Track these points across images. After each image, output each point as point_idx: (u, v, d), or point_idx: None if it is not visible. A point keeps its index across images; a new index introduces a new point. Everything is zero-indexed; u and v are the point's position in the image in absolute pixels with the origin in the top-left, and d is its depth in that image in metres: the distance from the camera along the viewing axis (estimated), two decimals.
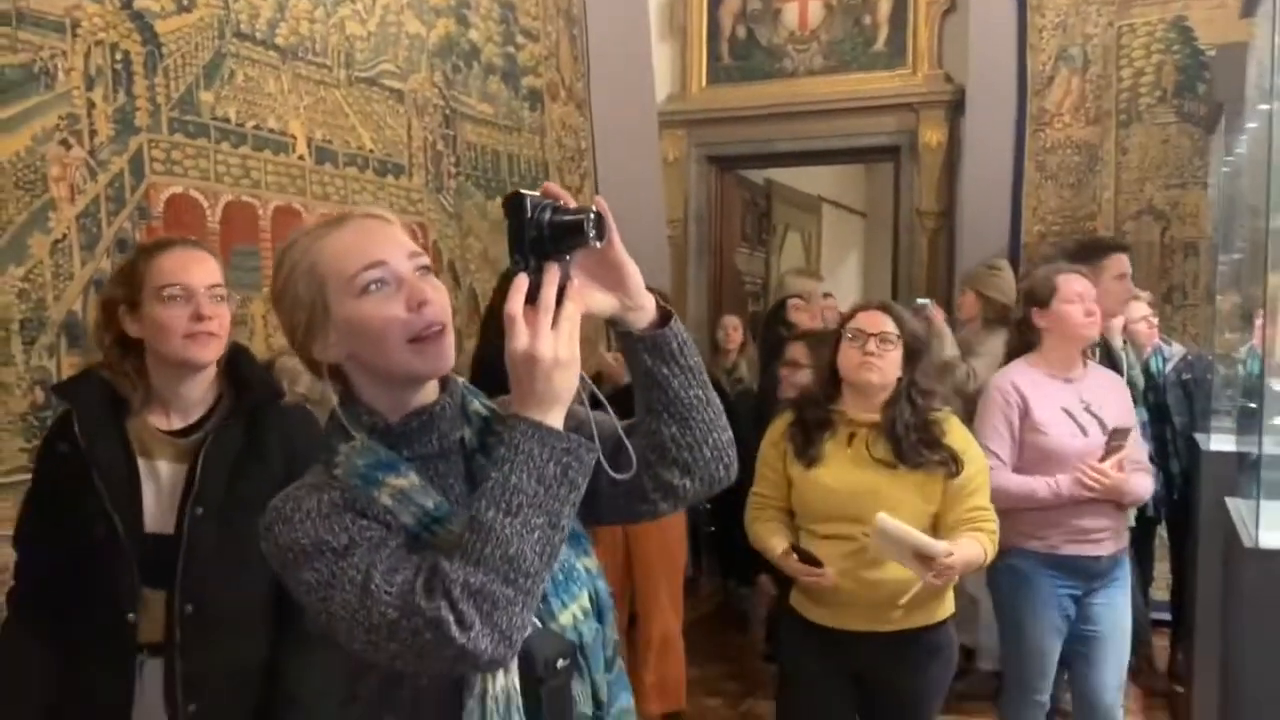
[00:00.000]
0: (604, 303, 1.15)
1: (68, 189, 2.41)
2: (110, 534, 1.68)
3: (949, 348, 4.07)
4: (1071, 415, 2.69)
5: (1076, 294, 2.70)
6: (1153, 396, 3.80)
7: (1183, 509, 3.79)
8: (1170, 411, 3.79)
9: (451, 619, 0.99)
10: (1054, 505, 2.67)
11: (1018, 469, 2.72)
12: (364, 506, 1.11)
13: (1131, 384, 3.55)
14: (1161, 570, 4.24)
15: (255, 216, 2.90)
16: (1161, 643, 4.29)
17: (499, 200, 3.99)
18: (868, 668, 2.35)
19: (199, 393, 1.77)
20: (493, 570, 1.01)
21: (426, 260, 1.19)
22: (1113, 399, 2.78)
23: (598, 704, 1.19)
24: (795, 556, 2.34)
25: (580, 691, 1.17)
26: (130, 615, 1.68)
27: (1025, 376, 2.82)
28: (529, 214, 1.06)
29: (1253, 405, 3.09)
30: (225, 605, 1.71)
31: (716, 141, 6.17)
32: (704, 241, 6.32)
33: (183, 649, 1.69)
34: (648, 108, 5.63)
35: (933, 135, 5.56)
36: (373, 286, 1.13)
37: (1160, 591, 4.27)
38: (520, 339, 1.04)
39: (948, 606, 2.41)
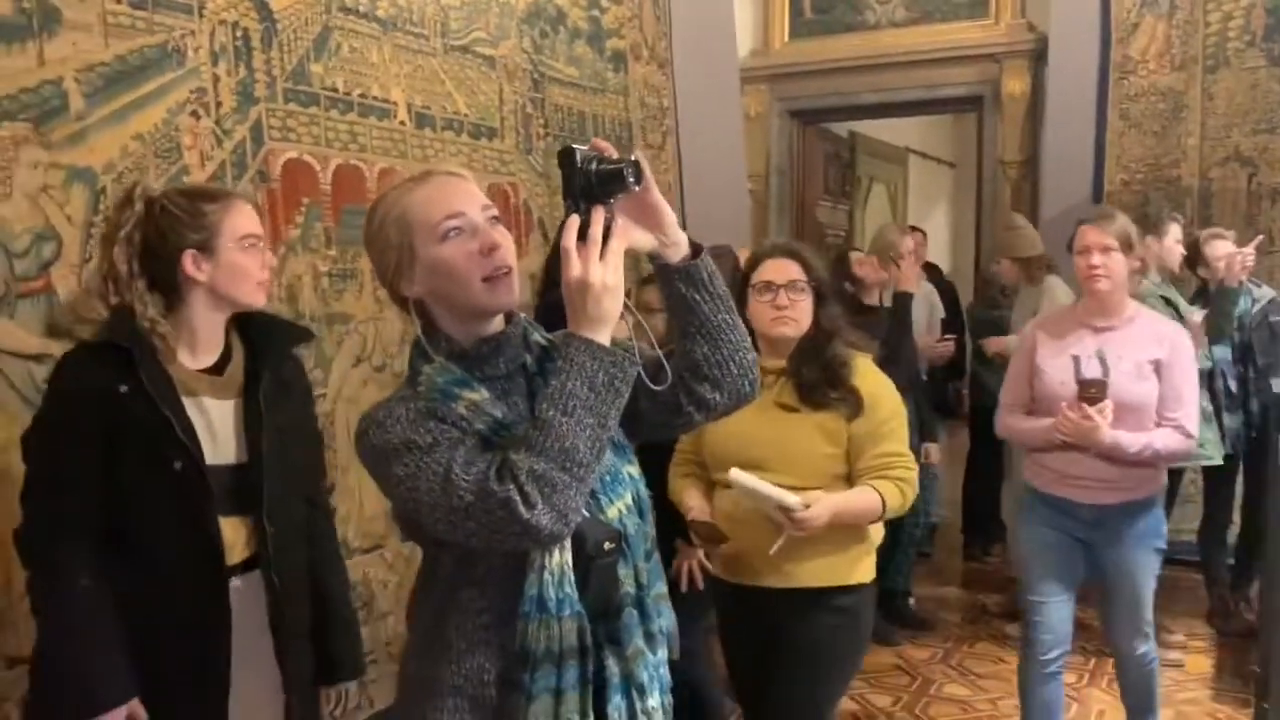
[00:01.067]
0: (643, 239, 1.34)
1: (198, 156, 2.67)
2: (189, 465, 1.76)
3: None
4: (1077, 362, 2.68)
5: (1085, 245, 2.70)
6: (1238, 336, 3.88)
7: (1261, 449, 3.85)
8: (1255, 352, 3.87)
9: (519, 499, 1.20)
10: (1044, 447, 2.74)
11: (1031, 411, 2.80)
12: (444, 414, 1.32)
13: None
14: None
15: (362, 178, 3.15)
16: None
17: None
18: (775, 625, 2.28)
19: (221, 334, 1.90)
20: (552, 459, 1.21)
21: (496, 211, 1.39)
22: (1139, 353, 2.69)
23: (639, 585, 1.39)
24: (696, 527, 2.34)
25: (625, 574, 1.37)
26: (219, 540, 1.80)
27: (1051, 322, 2.90)
28: (578, 165, 1.25)
29: None
30: (290, 524, 1.91)
31: (799, 95, 6.26)
32: (785, 196, 6.43)
33: (275, 566, 1.86)
34: (730, 65, 5.75)
35: (1016, 85, 5.57)
36: (452, 233, 1.34)
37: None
38: (574, 268, 1.23)
39: (864, 571, 2.32)
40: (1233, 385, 3.97)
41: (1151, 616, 2.91)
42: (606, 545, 1.33)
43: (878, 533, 2.37)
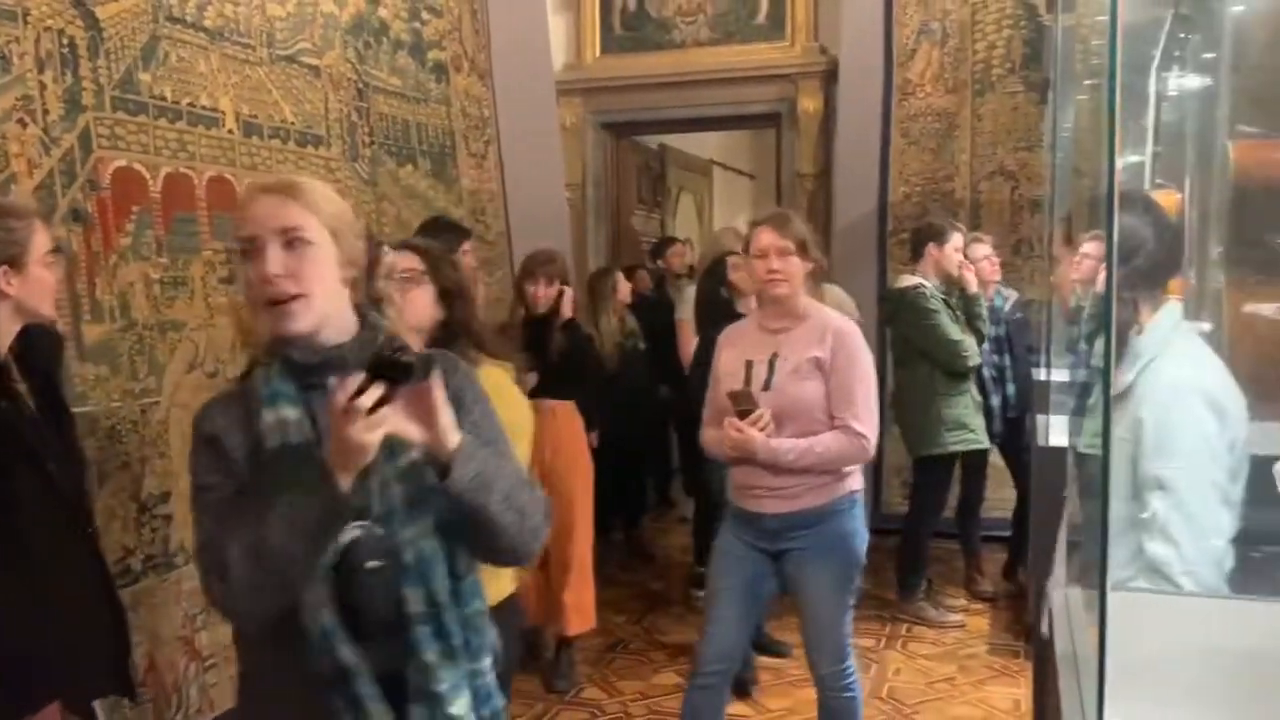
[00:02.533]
0: (410, 430, 1.35)
1: (25, 164, 2.65)
2: None
3: None
4: (749, 367, 2.67)
5: (762, 248, 2.65)
6: (995, 330, 4.45)
7: (1017, 429, 4.47)
8: (1011, 342, 4.47)
9: (214, 584, 1.36)
10: (728, 457, 2.70)
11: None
12: (222, 449, 1.41)
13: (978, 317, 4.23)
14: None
15: (192, 186, 3.17)
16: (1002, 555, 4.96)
17: (410, 168, 4.29)
18: None
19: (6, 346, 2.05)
20: (253, 566, 1.32)
21: (301, 233, 1.36)
22: (802, 352, 2.64)
23: (433, 604, 1.41)
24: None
25: (412, 592, 1.40)
26: None
27: (736, 329, 2.86)
28: (381, 344, 1.33)
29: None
30: None
31: (611, 109, 6.54)
32: (601, 204, 6.70)
33: None
34: (545, 78, 5.95)
35: (810, 103, 6.03)
36: (246, 255, 1.38)
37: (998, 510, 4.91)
38: (338, 422, 1.28)
39: (503, 586, 2.23)
40: (990, 373, 4.55)
41: (848, 637, 2.78)
42: (370, 564, 1.37)
43: None
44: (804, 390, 2.60)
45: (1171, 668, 1.23)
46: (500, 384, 2.20)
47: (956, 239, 4.39)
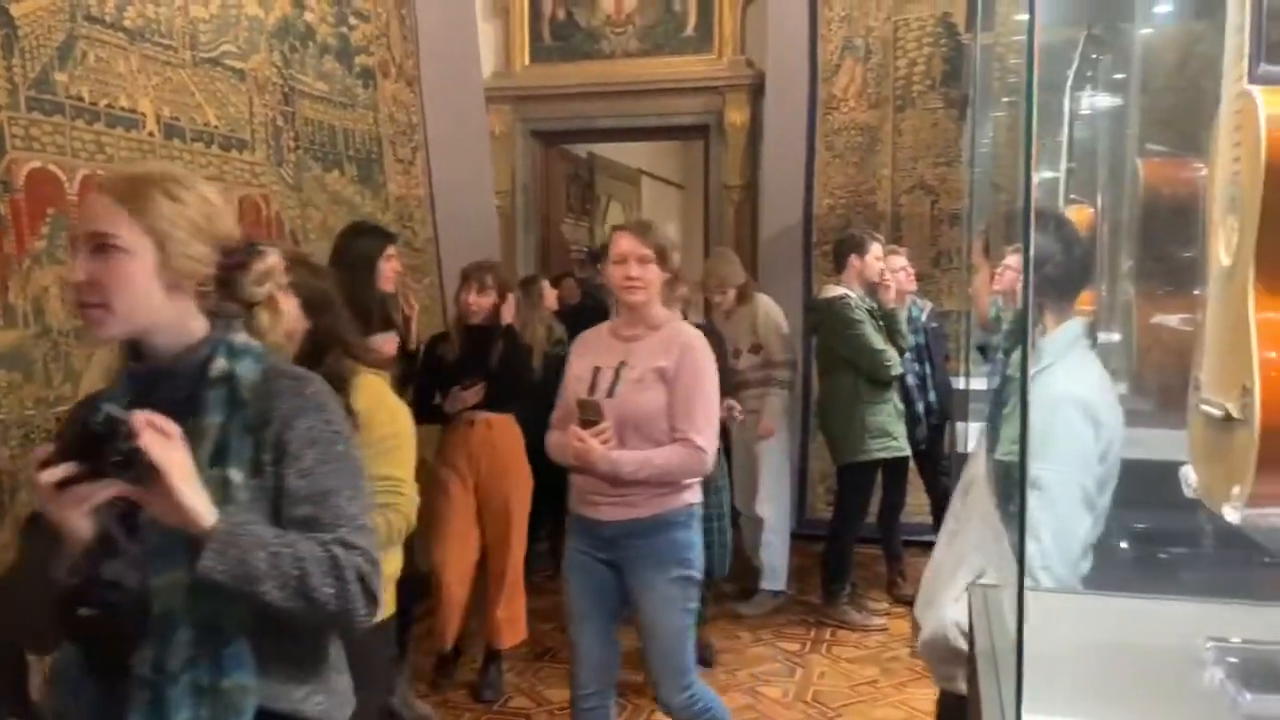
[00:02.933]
0: (150, 506, 1.24)
1: None
2: None
3: None
4: (596, 374, 2.64)
5: (622, 254, 2.62)
6: (915, 339, 4.57)
7: (939, 434, 4.58)
8: (931, 351, 4.60)
9: None
10: (570, 465, 2.65)
11: None
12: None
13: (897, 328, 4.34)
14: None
15: None
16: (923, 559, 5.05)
17: (336, 173, 4.25)
18: None
19: None
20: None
21: (109, 240, 1.30)
22: (648, 362, 2.60)
23: (158, 669, 1.26)
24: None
25: (142, 651, 1.27)
26: None
27: (591, 334, 2.82)
28: (116, 428, 1.20)
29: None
30: None
31: (540, 117, 6.53)
32: (531, 211, 6.69)
33: None
34: (474, 84, 5.94)
35: (737, 116, 6.10)
36: (74, 253, 1.35)
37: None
38: (38, 492, 1.21)
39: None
40: (913, 381, 4.67)
41: (690, 659, 2.72)
42: (82, 611, 1.29)
43: (387, 565, 2.03)
44: (646, 400, 2.58)
45: (1083, 666, 1.28)
46: (379, 394, 2.13)
47: (876, 248, 4.51)
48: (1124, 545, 1.72)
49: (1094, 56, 2.84)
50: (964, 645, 2.01)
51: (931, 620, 2.19)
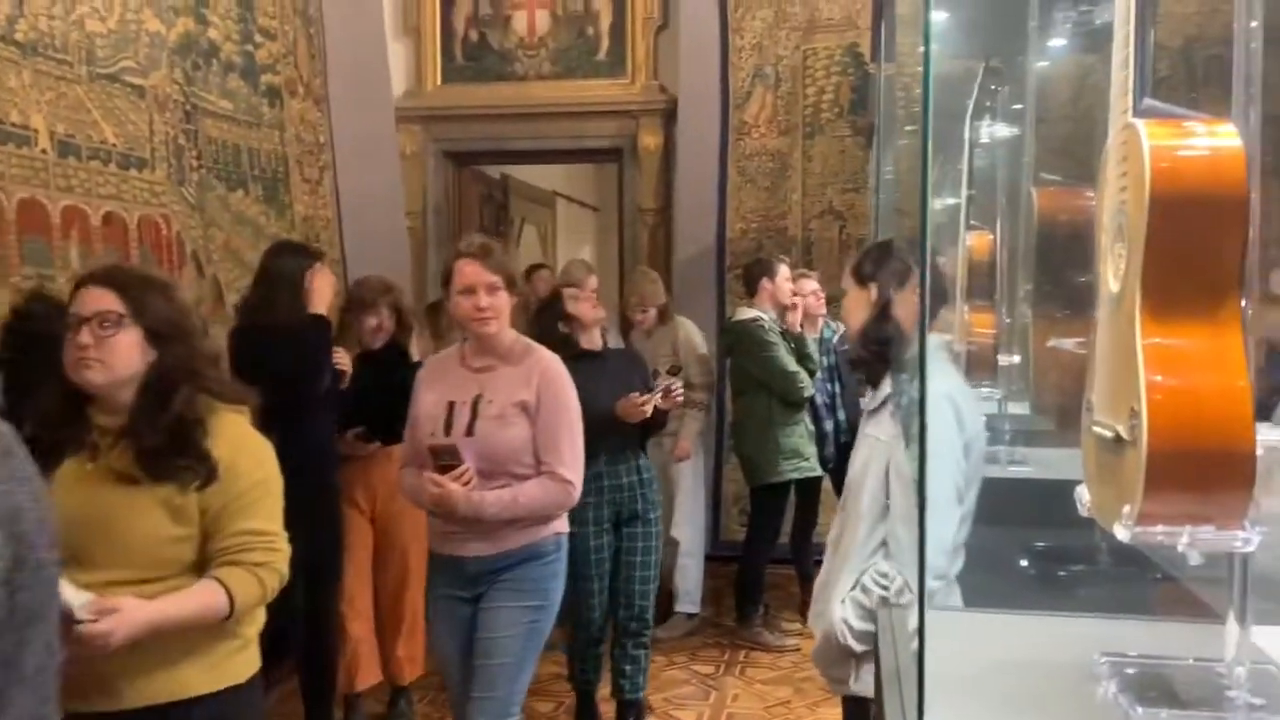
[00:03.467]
0: None
1: None
2: None
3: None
4: (450, 409, 2.53)
5: (469, 284, 2.50)
6: (826, 360, 4.64)
7: (848, 453, 4.66)
8: (841, 371, 4.67)
9: None
10: (425, 508, 2.57)
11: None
12: None
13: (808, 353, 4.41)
14: None
15: (1, 208, 2.98)
16: None
17: (241, 193, 4.16)
18: None
19: None
20: None
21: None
22: (509, 396, 2.51)
23: None
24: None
25: None
26: None
27: (438, 362, 2.70)
28: None
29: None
30: None
31: (452, 138, 6.48)
32: (443, 233, 6.61)
33: None
34: (384, 104, 5.87)
35: (650, 140, 6.14)
36: None
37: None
38: None
39: (232, 672, 1.87)
40: (823, 400, 4.74)
41: (517, 696, 2.58)
42: None
43: (254, 623, 1.93)
44: (509, 436, 2.49)
45: (982, 682, 1.30)
46: (241, 436, 1.89)
47: (784, 270, 4.60)
48: (1024, 563, 1.76)
49: (992, 87, 2.93)
50: (853, 643, 2.04)
51: (821, 625, 2.21)
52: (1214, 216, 1.06)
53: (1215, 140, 1.08)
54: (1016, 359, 2.87)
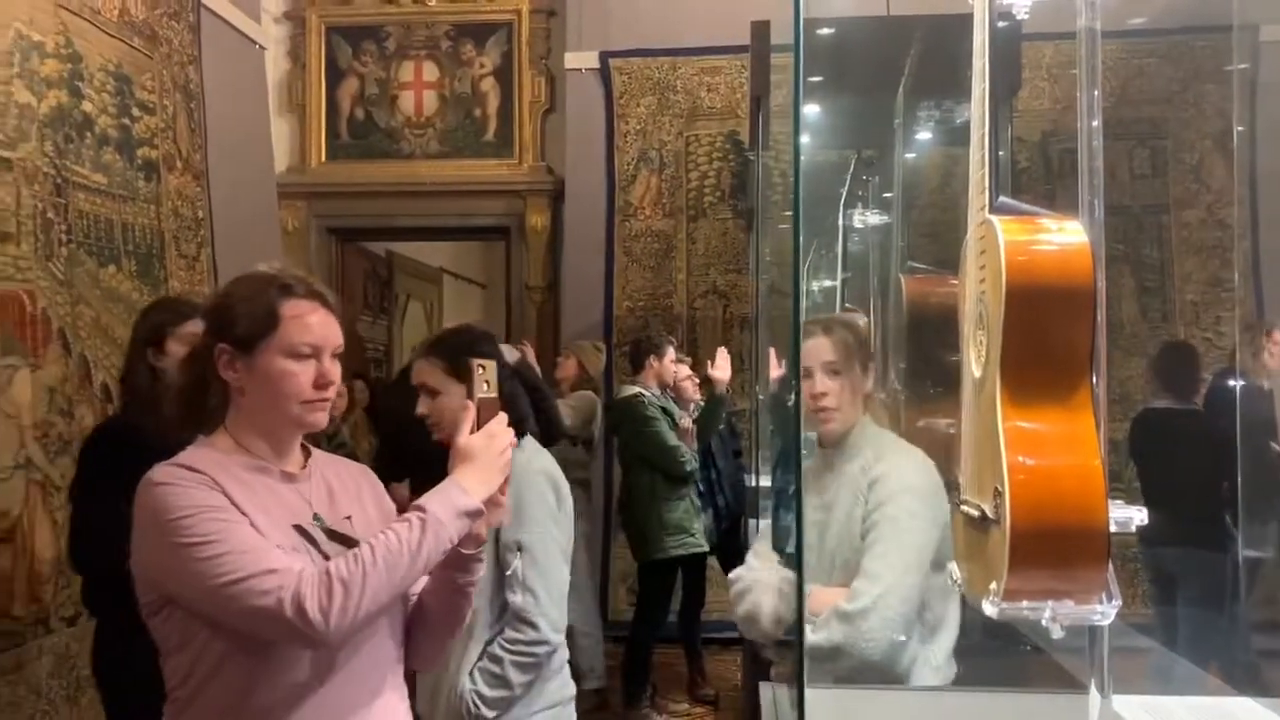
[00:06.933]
0: None
1: None
2: None
3: None
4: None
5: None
6: (699, 444, 4.69)
7: (733, 535, 4.68)
8: (715, 456, 4.73)
9: None
10: None
11: None
12: None
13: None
14: None
15: None
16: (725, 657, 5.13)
17: (112, 268, 4.02)
18: None
19: None
20: None
21: None
22: None
23: None
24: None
25: None
26: None
27: None
28: None
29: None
30: None
31: (336, 214, 6.44)
32: None
33: None
34: (266, 180, 5.79)
35: (538, 219, 6.21)
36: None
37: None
38: None
39: None
40: (709, 477, 4.79)
41: None
42: None
43: None
44: None
45: None
46: None
47: (671, 351, 4.69)
48: (901, 638, 1.80)
49: (865, 177, 3.08)
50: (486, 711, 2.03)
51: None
52: (1065, 307, 1.13)
53: (1064, 236, 1.16)
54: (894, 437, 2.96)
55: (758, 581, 2.16)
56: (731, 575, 2.30)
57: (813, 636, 1.84)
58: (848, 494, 2.01)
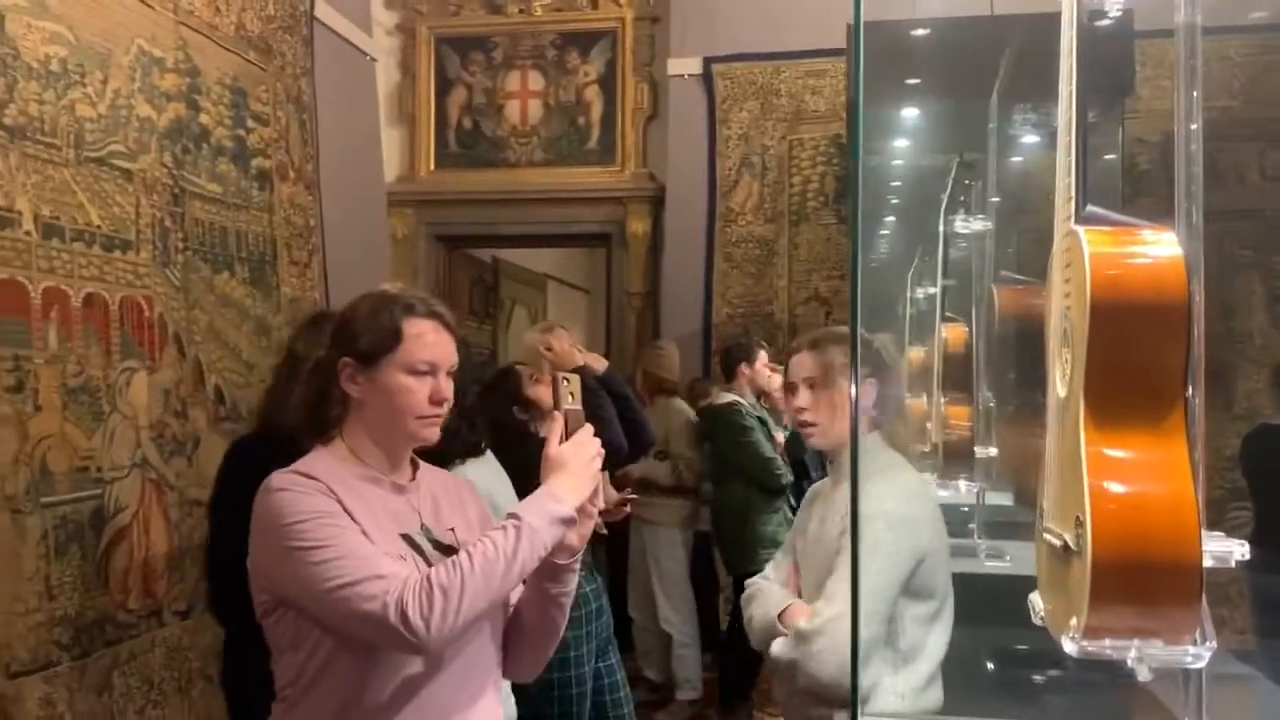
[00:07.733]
0: None
1: None
2: None
3: None
4: None
5: None
6: (791, 456, 4.61)
7: None
8: (809, 468, 4.64)
9: None
10: None
11: None
12: None
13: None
14: None
15: None
16: None
17: (226, 275, 4.17)
18: None
19: None
20: None
21: None
22: None
23: None
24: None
25: None
26: None
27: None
28: None
29: None
30: None
31: (444, 222, 6.56)
32: None
33: None
34: (376, 188, 5.93)
35: (639, 226, 6.21)
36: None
37: None
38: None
39: None
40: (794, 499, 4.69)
41: None
42: None
43: None
44: None
45: None
46: None
47: (763, 355, 4.61)
48: (990, 666, 1.72)
49: (966, 182, 2.98)
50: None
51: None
52: (1155, 324, 1.05)
53: (1156, 249, 1.08)
54: (994, 452, 2.85)
55: (761, 590, 2.19)
56: (747, 582, 2.33)
57: (773, 649, 1.95)
58: (833, 514, 2.03)
